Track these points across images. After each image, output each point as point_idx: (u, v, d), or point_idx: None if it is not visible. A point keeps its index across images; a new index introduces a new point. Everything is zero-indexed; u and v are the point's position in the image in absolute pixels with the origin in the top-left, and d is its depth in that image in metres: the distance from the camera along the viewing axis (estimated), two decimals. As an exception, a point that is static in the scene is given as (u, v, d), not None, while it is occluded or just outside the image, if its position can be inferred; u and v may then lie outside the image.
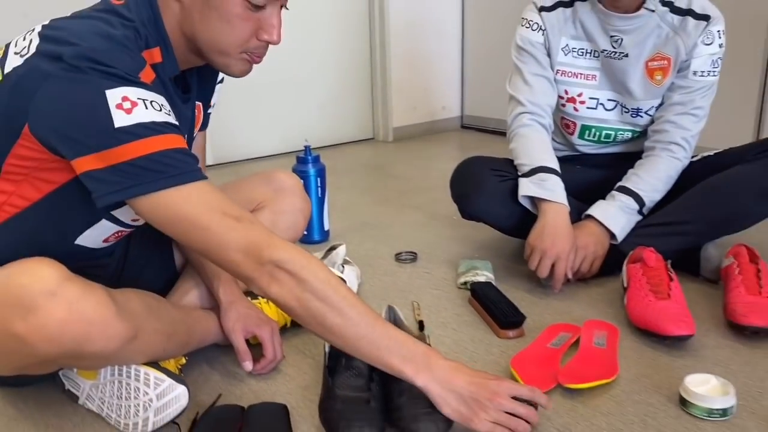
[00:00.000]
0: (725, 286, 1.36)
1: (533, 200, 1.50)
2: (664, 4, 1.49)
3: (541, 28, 1.57)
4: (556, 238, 1.42)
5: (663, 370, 1.16)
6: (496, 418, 0.91)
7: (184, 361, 1.16)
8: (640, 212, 1.50)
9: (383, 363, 0.94)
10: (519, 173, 1.54)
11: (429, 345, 1.09)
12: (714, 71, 1.52)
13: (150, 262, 1.25)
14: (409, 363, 0.93)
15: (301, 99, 3.10)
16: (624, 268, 1.41)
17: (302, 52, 3.04)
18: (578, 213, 1.53)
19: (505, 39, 1.66)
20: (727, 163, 1.51)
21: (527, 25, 1.59)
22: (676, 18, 1.50)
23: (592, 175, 1.66)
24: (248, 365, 1.15)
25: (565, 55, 1.57)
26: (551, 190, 1.47)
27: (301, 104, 3.11)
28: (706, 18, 1.49)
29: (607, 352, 1.20)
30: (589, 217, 1.50)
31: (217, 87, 1.23)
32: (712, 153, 1.60)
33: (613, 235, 1.48)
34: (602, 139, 1.64)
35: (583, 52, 1.57)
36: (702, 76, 1.52)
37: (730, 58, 1.58)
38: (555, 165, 1.51)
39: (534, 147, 1.55)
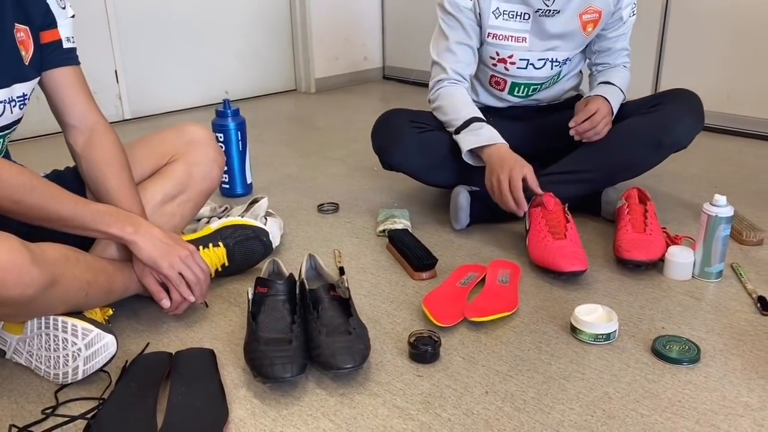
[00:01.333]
0: (616, 225, 1.50)
1: (474, 153, 1.56)
2: None
3: None
4: (507, 162, 1.47)
5: (558, 302, 1.29)
6: (179, 267, 1.15)
7: (111, 312, 1.19)
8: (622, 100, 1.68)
9: (94, 231, 1.10)
10: (450, 129, 1.59)
11: (347, 289, 1.17)
12: (634, 12, 1.66)
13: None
14: (114, 225, 1.11)
15: (220, 50, 3.06)
16: (527, 211, 1.52)
17: (219, 3, 2.98)
18: None
19: None
20: (624, 115, 1.64)
21: None
22: None
23: (518, 126, 1.74)
24: (165, 302, 1.19)
25: (496, 18, 1.59)
26: (489, 136, 1.53)
27: (221, 56, 3.07)
28: None
29: (510, 288, 1.32)
30: (594, 96, 1.62)
31: (59, 12, 1.17)
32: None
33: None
34: (530, 92, 1.72)
35: (514, 15, 1.60)
36: (629, 18, 1.65)
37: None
38: (481, 115, 1.58)
39: (459, 102, 1.60)
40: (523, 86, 1.70)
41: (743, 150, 2.25)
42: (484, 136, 1.53)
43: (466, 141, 1.54)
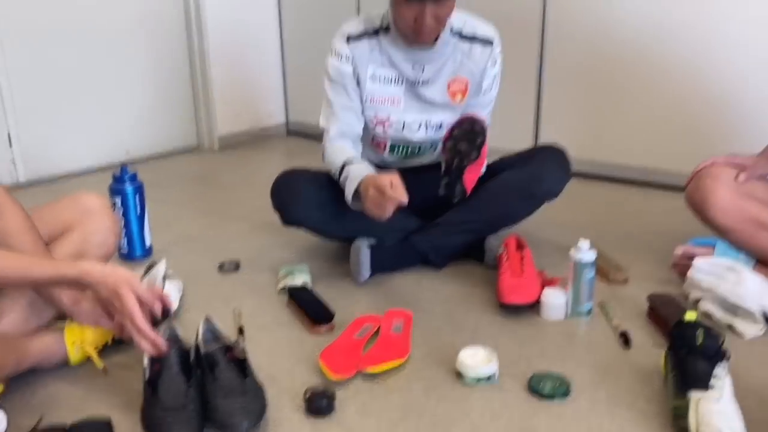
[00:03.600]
0: (498, 271, 1.63)
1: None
2: (453, 33, 1.70)
3: (348, 59, 1.68)
4: (375, 179, 1.49)
5: (446, 347, 1.38)
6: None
7: (1, 388, 1.18)
8: None
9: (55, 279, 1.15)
10: (337, 180, 1.65)
11: (243, 349, 1.22)
12: (496, 86, 1.79)
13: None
14: (74, 267, 1.15)
15: (120, 110, 3.05)
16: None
17: (117, 62, 2.99)
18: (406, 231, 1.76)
19: (323, 47, 1.75)
20: (502, 169, 1.79)
21: (337, 57, 1.69)
22: (465, 44, 1.71)
23: (409, 187, 1.82)
24: (146, 346, 1.18)
25: (373, 83, 1.70)
26: (357, 175, 1.56)
27: (121, 115, 3.06)
28: (489, 42, 1.73)
29: (402, 336, 1.41)
30: None
31: None
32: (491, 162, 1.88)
33: None
34: (409, 153, 1.84)
35: (389, 79, 1.71)
36: (489, 91, 1.78)
37: (513, 69, 1.82)
38: (351, 156, 1.64)
39: (336, 154, 1.68)
40: (401, 147, 1.81)
41: (614, 195, 2.47)
42: (353, 178, 1.56)
43: (346, 190, 1.60)
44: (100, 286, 1.13)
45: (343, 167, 1.63)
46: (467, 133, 1.64)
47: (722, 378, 1.10)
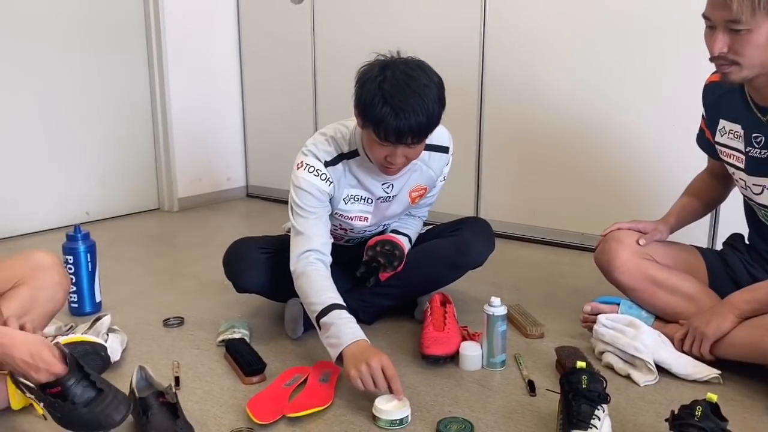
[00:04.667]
0: (422, 325, 1.76)
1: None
2: None
3: (329, 180, 1.69)
4: (368, 352, 1.46)
5: (368, 395, 1.48)
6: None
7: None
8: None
9: None
10: (311, 312, 1.60)
11: (175, 394, 1.32)
12: (445, 178, 1.92)
13: None
14: None
15: (80, 171, 3.16)
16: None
17: (79, 125, 3.12)
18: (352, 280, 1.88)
19: (283, 114, 1.86)
20: (429, 237, 1.96)
21: (315, 173, 1.68)
22: (426, 154, 1.77)
23: (348, 251, 1.94)
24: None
25: (346, 204, 1.77)
26: (349, 335, 1.50)
27: (81, 177, 3.16)
28: (446, 150, 1.84)
29: (328, 386, 1.52)
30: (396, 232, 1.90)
31: None
32: (424, 230, 2.04)
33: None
34: (361, 240, 1.95)
35: (359, 198, 1.78)
36: (440, 183, 1.91)
37: (455, 142, 1.93)
38: (341, 300, 1.60)
39: (322, 287, 1.62)
40: (357, 238, 1.95)
41: (545, 257, 2.65)
42: (342, 336, 1.50)
43: (330, 341, 1.52)
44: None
45: (330, 308, 1.56)
46: (387, 256, 1.81)
47: (602, 419, 1.23)
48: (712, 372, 1.54)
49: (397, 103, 1.50)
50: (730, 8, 1.38)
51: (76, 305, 1.99)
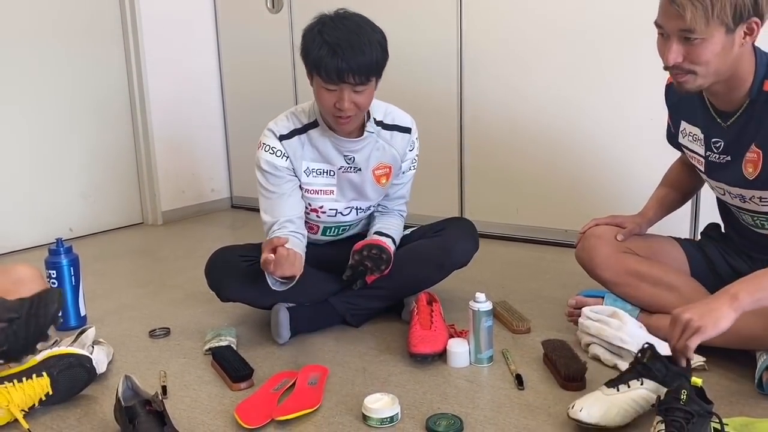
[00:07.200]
0: (409, 324, 1.76)
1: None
2: (376, 123, 1.86)
3: (284, 155, 1.78)
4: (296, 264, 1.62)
5: (357, 396, 1.49)
6: None
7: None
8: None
9: None
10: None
11: (162, 402, 1.31)
12: (414, 167, 1.97)
13: None
14: None
15: (63, 188, 3.14)
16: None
17: (60, 140, 3.10)
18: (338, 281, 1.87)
19: (266, 123, 1.85)
20: (413, 239, 1.97)
21: (270, 151, 1.78)
22: (387, 133, 1.86)
23: (333, 253, 1.95)
24: None
25: (307, 176, 1.82)
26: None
27: (64, 194, 3.14)
28: (408, 130, 1.90)
29: (316, 388, 1.51)
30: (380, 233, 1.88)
31: None
32: (409, 231, 2.04)
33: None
34: (339, 233, 1.98)
35: (321, 172, 1.83)
36: (408, 171, 1.96)
37: (437, 145, 1.97)
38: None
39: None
40: (333, 228, 1.96)
41: (529, 254, 2.66)
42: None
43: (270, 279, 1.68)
44: None
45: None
46: (375, 260, 1.80)
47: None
48: (697, 359, 1.55)
49: (335, 41, 1.59)
50: (684, 18, 1.35)
51: (62, 319, 1.96)
